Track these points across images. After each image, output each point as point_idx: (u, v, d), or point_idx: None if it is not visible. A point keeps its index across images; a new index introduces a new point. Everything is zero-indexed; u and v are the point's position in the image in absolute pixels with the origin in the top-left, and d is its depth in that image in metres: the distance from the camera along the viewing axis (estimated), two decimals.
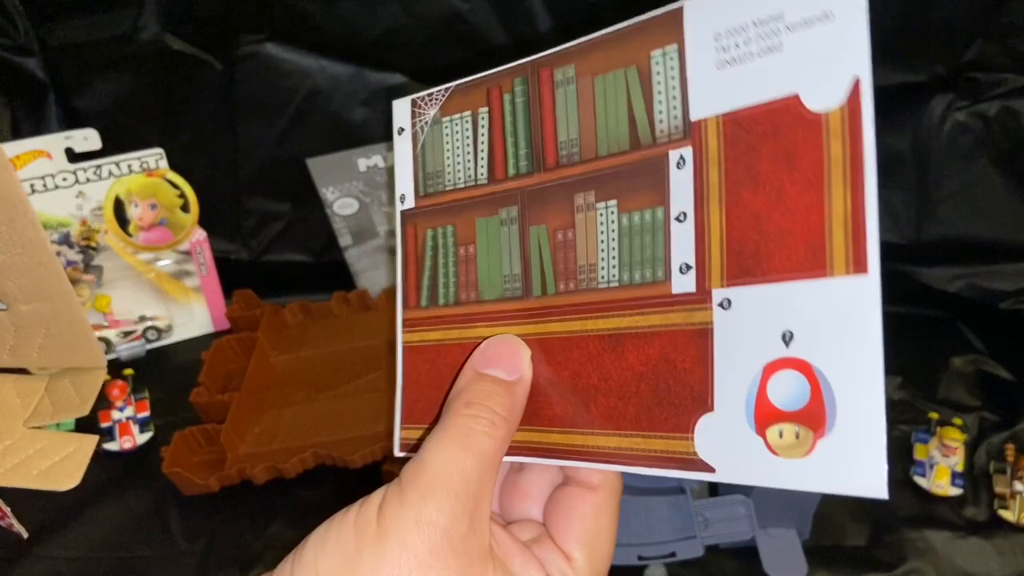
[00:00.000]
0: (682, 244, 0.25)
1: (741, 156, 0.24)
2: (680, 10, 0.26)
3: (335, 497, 0.64)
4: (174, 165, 0.74)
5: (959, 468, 0.65)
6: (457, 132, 0.32)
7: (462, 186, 0.31)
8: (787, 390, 0.23)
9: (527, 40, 0.69)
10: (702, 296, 0.25)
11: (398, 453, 0.32)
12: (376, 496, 0.26)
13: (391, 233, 0.77)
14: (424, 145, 0.33)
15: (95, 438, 0.50)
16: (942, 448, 0.65)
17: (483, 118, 0.31)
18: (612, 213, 0.27)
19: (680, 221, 0.25)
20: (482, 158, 0.31)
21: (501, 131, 0.31)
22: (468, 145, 0.32)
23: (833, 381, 0.22)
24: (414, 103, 0.33)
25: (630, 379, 0.26)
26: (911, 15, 0.67)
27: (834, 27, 0.22)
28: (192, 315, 0.79)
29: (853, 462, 0.22)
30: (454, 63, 0.71)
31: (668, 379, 0.25)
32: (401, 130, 0.33)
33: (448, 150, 0.32)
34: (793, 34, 0.23)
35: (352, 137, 0.73)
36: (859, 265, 0.22)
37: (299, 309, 0.76)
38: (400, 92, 0.72)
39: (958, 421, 0.67)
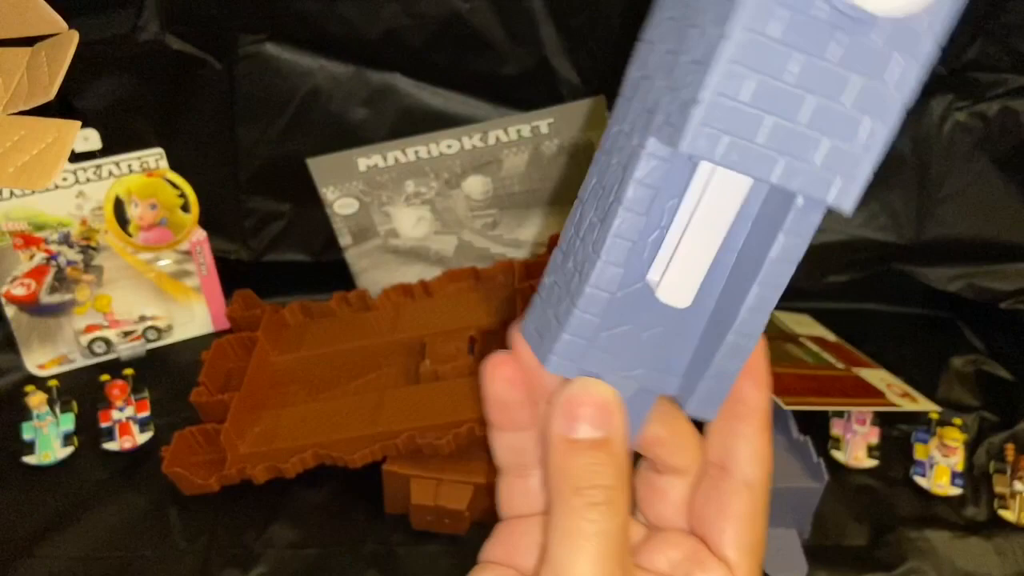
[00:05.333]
0: None
1: None
2: None
3: (335, 497, 0.64)
4: (174, 165, 0.74)
5: (959, 468, 0.65)
6: None
7: None
8: None
9: (527, 41, 0.69)
10: None
11: None
12: None
13: (391, 233, 0.77)
14: None
15: (76, 124, 0.45)
16: (942, 448, 0.65)
17: None
18: None
19: None
20: None
21: None
22: None
23: None
24: None
25: None
26: None
27: None
28: (192, 315, 0.79)
29: None
30: (454, 63, 0.71)
31: None
32: None
33: None
34: None
35: (352, 137, 0.73)
36: None
37: (299, 309, 0.76)
38: (400, 93, 0.72)
39: (958, 421, 0.67)
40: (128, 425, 0.68)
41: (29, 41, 0.48)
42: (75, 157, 0.71)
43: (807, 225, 0.21)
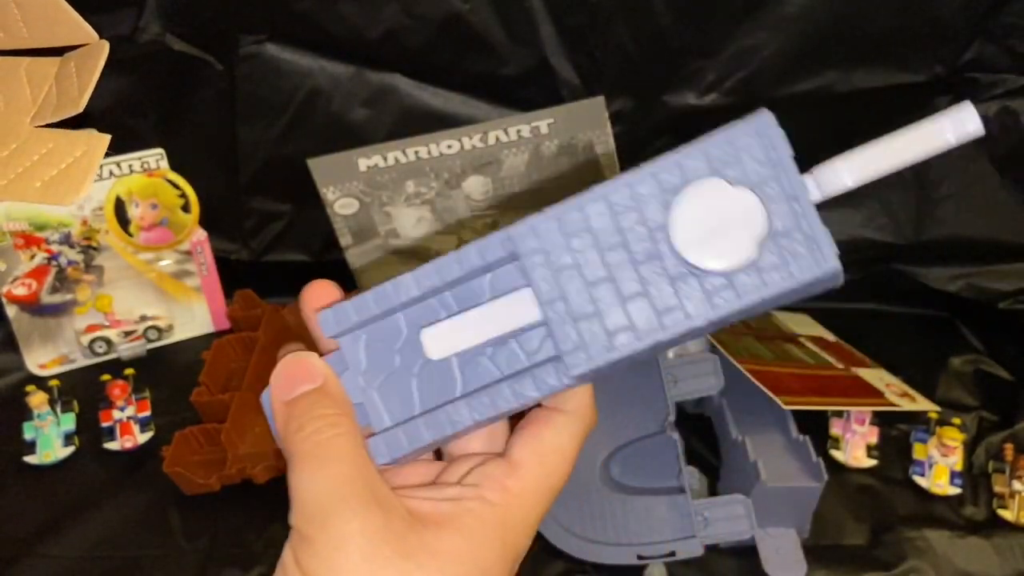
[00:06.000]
0: None
1: None
2: None
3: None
4: (175, 165, 0.74)
5: (958, 467, 0.65)
6: None
7: None
8: None
9: (527, 41, 0.69)
10: None
11: None
12: (288, 559, 0.26)
13: (391, 233, 0.77)
14: None
15: (105, 138, 0.44)
16: (941, 447, 0.65)
17: None
18: None
19: None
20: None
21: None
22: None
23: None
24: None
25: None
26: (910, 15, 0.67)
27: None
28: (193, 315, 0.79)
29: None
30: (454, 63, 0.71)
31: None
32: None
33: None
34: None
35: (353, 137, 0.73)
36: None
37: (300, 309, 0.76)
38: (400, 93, 0.72)
39: (957, 421, 0.68)
40: (129, 425, 0.69)
41: (58, 51, 0.47)
42: None
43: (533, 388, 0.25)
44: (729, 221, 0.22)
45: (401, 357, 0.27)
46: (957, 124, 0.23)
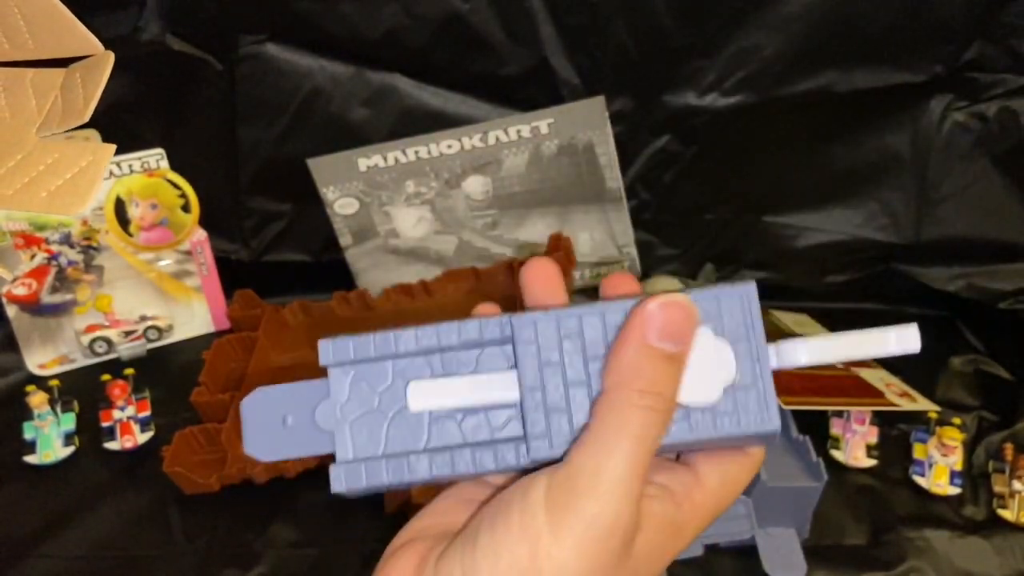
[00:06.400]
0: None
1: None
2: None
3: (336, 496, 0.64)
4: (175, 165, 0.74)
5: (958, 467, 0.65)
6: None
7: None
8: None
9: (527, 41, 0.69)
10: None
11: None
12: (540, 488, 0.25)
13: (391, 233, 0.77)
14: None
15: (110, 148, 0.44)
16: (941, 447, 0.65)
17: None
18: None
19: None
20: None
21: None
22: None
23: None
24: None
25: None
26: (910, 15, 0.67)
27: None
28: (193, 315, 0.79)
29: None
30: (454, 63, 0.71)
31: None
32: None
33: None
34: None
35: (352, 137, 0.73)
36: None
37: (299, 309, 0.76)
38: (400, 93, 0.72)
39: (957, 420, 0.68)
40: (129, 425, 0.69)
41: (64, 62, 0.48)
42: None
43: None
44: (705, 365, 0.25)
45: (380, 400, 0.29)
46: (902, 339, 0.27)
